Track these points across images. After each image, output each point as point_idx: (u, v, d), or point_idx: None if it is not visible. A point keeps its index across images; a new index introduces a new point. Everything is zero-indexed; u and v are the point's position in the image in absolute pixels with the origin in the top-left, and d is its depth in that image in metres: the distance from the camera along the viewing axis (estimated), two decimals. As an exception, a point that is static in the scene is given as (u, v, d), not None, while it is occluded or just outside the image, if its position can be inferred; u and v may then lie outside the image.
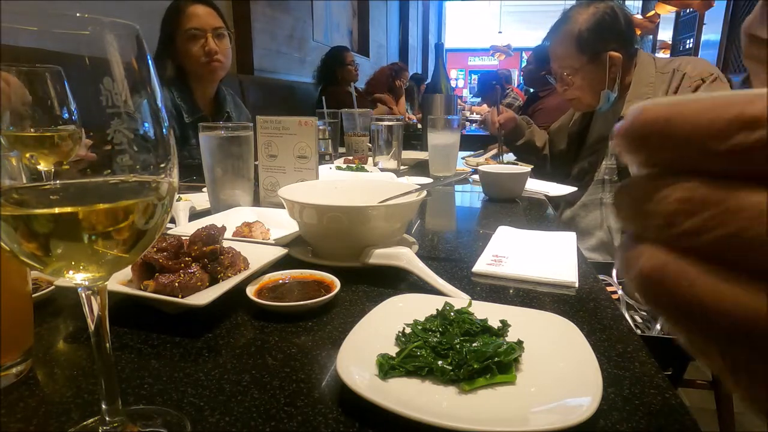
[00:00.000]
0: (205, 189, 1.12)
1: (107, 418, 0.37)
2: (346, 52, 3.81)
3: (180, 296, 0.56)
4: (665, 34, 7.07)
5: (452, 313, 0.53)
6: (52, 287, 0.62)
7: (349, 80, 3.36)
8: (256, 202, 1.12)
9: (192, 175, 1.44)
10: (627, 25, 1.61)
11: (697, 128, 0.15)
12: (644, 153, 0.16)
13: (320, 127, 1.89)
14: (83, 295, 0.35)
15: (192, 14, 1.76)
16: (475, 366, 0.44)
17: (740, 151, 0.14)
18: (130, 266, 0.60)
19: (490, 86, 4.46)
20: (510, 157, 2.02)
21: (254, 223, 0.85)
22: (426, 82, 5.32)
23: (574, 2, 1.78)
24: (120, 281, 0.60)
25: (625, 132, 0.16)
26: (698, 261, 0.15)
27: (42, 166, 0.36)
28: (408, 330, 0.52)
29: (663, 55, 6.49)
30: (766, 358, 0.15)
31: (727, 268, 0.15)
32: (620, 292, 1.29)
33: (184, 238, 0.65)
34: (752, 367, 0.15)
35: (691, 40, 6.05)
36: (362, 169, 1.51)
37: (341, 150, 2.04)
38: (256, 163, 1.12)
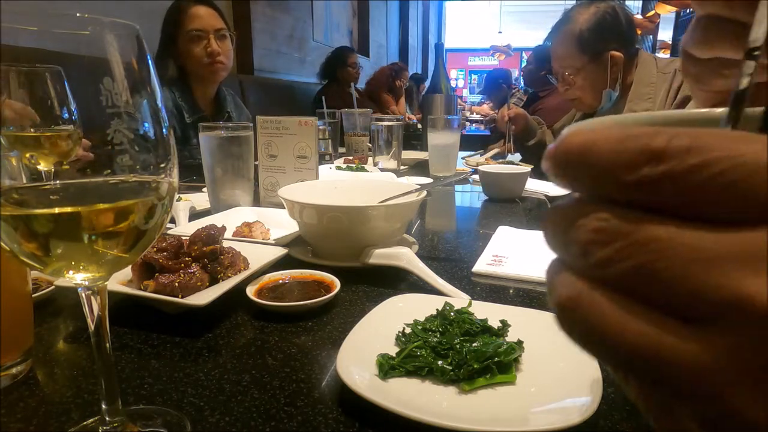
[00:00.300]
0: (205, 189, 1.12)
1: (107, 418, 0.37)
2: (350, 53, 3.82)
3: (180, 296, 0.56)
4: (665, 34, 7.07)
5: (452, 313, 0.53)
6: (52, 287, 0.62)
7: (349, 81, 3.37)
8: (256, 202, 1.12)
9: (192, 175, 1.44)
10: (628, 25, 1.61)
11: (610, 159, 0.15)
12: (566, 180, 0.17)
13: (320, 127, 1.89)
14: (83, 295, 0.35)
15: (194, 15, 1.76)
16: (475, 366, 0.44)
17: (647, 183, 0.14)
18: (130, 266, 0.60)
19: (497, 85, 4.42)
20: (515, 157, 2.01)
21: (254, 223, 0.85)
22: (426, 82, 5.32)
23: (574, 2, 1.78)
24: (120, 281, 0.60)
25: (551, 158, 0.17)
26: (611, 292, 0.15)
27: (42, 166, 0.36)
28: (408, 330, 0.52)
29: (663, 55, 6.49)
30: (665, 392, 0.15)
31: (637, 302, 0.15)
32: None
33: (184, 238, 0.65)
34: (656, 398, 0.15)
35: (691, 40, 6.03)
36: (362, 169, 1.51)
37: (341, 150, 2.04)
38: (256, 163, 1.12)
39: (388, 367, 0.46)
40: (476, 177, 1.45)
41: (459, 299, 0.59)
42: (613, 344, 0.15)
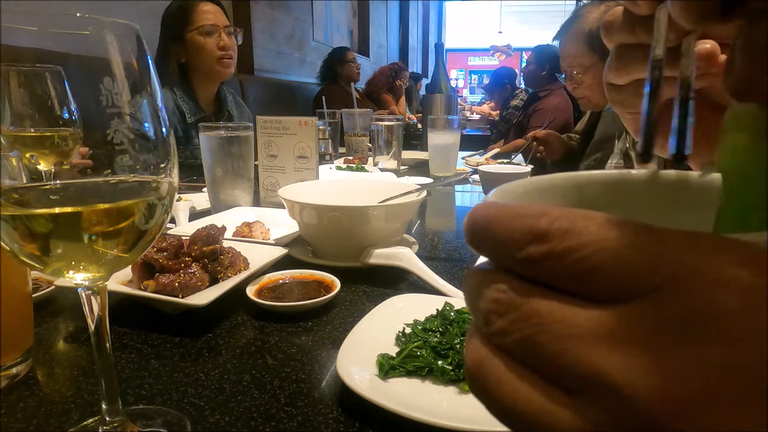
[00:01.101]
0: (205, 189, 1.12)
1: (107, 418, 0.37)
2: (347, 51, 3.83)
3: (180, 296, 0.56)
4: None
5: (452, 313, 0.53)
6: (52, 287, 0.62)
7: (351, 78, 3.37)
8: (256, 202, 1.12)
9: (192, 175, 1.44)
10: None
11: (504, 236, 0.16)
12: (474, 249, 0.18)
13: (320, 127, 1.89)
14: (83, 295, 0.35)
15: (203, 11, 1.77)
16: (475, 366, 0.44)
17: (532, 261, 0.16)
18: (130, 266, 0.60)
19: (502, 85, 4.42)
20: (516, 157, 2.01)
21: (254, 223, 0.85)
22: (425, 83, 5.32)
23: (574, 2, 1.77)
24: (120, 281, 0.60)
25: (465, 228, 0.18)
26: (508, 360, 0.16)
27: (42, 166, 0.36)
28: (408, 330, 0.52)
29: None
30: None
31: (529, 370, 0.16)
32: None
33: (184, 238, 0.65)
34: None
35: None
36: (362, 169, 1.51)
37: (341, 150, 2.04)
38: (256, 163, 1.12)
39: (388, 367, 0.46)
40: (476, 177, 1.45)
41: (459, 299, 0.59)
42: (507, 409, 0.16)
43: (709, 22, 0.21)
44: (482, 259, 0.18)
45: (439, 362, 0.46)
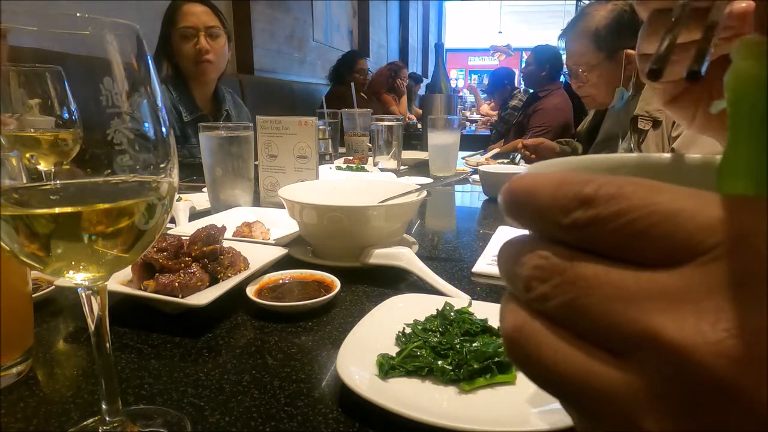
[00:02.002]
0: (205, 189, 1.12)
1: (107, 418, 0.37)
2: (360, 59, 3.80)
3: (180, 296, 0.56)
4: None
5: (452, 313, 0.53)
6: (52, 287, 0.62)
7: (356, 85, 3.36)
8: (256, 202, 1.12)
9: (192, 175, 1.44)
10: None
11: (548, 202, 0.16)
12: (514, 219, 0.18)
13: (320, 127, 1.89)
14: (83, 295, 0.35)
15: (187, 13, 1.75)
16: (475, 366, 0.44)
17: (578, 226, 0.16)
18: (130, 266, 0.60)
19: (502, 85, 4.43)
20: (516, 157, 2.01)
21: (254, 223, 0.85)
22: (425, 83, 5.31)
23: (573, 2, 1.77)
24: (120, 281, 0.60)
25: (501, 200, 0.18)
26: (550, 324, 0.16)
27: (42, 166, 0.36)
28: (408, 330, 0.52)
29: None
30: (590, 417, 0.16)
31: (571, 333, 0.16)
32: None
33: (184, 238, 0.65)
34: (582, 424, 0.17)
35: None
36: (362, 169, 1.51)
37: (341, 150, 2.04)
38: (256, 163, 1.12)
39: (388, 367, 0.46)
40: (476, 177, 1.45)
41: (459, 299, 0.59)
42: (547, 371, 0.16)
43: None
44: (487, 258, 0.18)
45: (439, 362, 0.46)
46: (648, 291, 0.14)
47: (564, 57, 1.81)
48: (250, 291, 0.61)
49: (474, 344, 0.47)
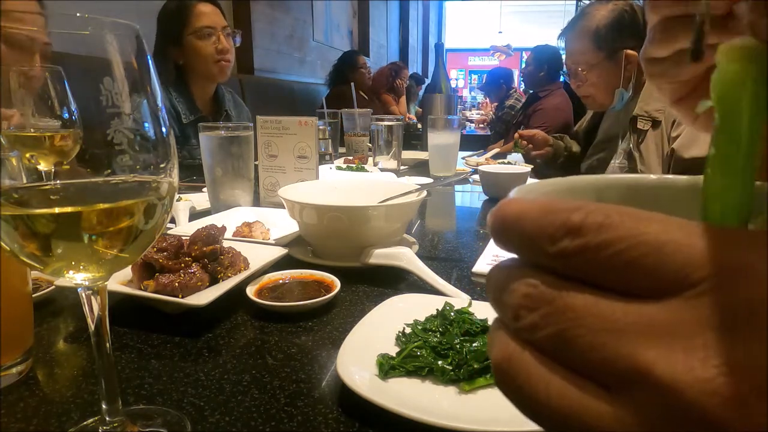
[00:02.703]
0: (205, 189, 1.12)
1: (107, 418, 0.37)
2: (357, 56, 3.82)
3: (180, 296, 0.56)
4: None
5: (452, 313, 0.53)
6: (52, 287, 0.62)
7: (361, 84, 3.36)
8: (256, 202, 1.12)
9: (192, 175, 1.44)
10: (645, 24, 1.61)
11: (536, 230, 0.16)
12: (502, 245, 0.18)
13: (320, 127, 1.89)
14: (83, 295, 0.35)
15: (201, 12, 1.74)
16: (475, 366, 0.44)
17: (566, 255, 0.16)
18: (130, 266, 0.60)
19: (498, 84, 4.47)
20: (517, 157, 2.00)
21: (254, 223, 0.85)
22: (425, 84, 5.32)
23: (573, 2, 1.77)
24: (120, 281, 0.60)
25: (490, 224, 0.18)
26: (539, 355, 0.16)
27: (42, 166, 0.36)
28: (408, 330, 0.52)
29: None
30: None
31: (562, 365, 0.16)
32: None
33: (184, 238, 0.65)
34: None
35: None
36: (362, 169, 1.51)
37: (341, 150, 2.04)
38: (256, 163, 1.12)
39: (388, 367, 0.45)
40: (476, 177, 1.45)
41: (459, 299, 0.59)
42: (538, 404, 0.16)
43: None
44: (487, 258, 0.18)
45: (439, 362, 0.46)
46: (637, 324, 0.14)
47: (564, 57, 1.81)
48: (250, 291, 0.61)
49: (474, 344, 0.47)
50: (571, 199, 0.16)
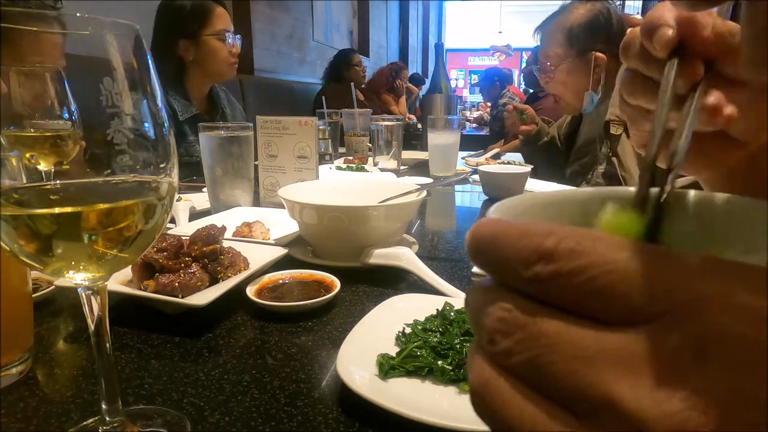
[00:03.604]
0: (205, 189, 1.12)
1: (107, 418, 0.37)
2: (353, 54, 3.83)
3: (180, 296, 0.56)
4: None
5: (452, 313, 0.53)
6: (52, 287, 0.62)
7: (355, 81, 3.36)
8: (256, 202, 1.12)
9: (191, 174, 1.44)
10: (619, 29, 1.61)
11: (510, 254, 0.16)
12: (478, 265, 0.18)
13: (320, 127, 1.88)
14: (83, 295, 0.35)
15: (221, 14, 1.78)
16: (475, 366, 0.44)
17: (539, 280, 0.16)
18: (130, 266, 0.60)
19: (492, 83, 4.55)
20: (515, 157, 2.00)
21: (254, 223, 0.85)
22: (423, 85, 5.34)
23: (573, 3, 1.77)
24: (120, 281, 0.60)
25: (467, 245, 0.18)
26: (514, 380, 0.16)
27: (42, 166, 0.36)
28: (408, 330, 0.52)
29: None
30: None
31: (536, 391, 0.16)
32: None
33: (184, 238, 0.65)
34: None
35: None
36: (362, 169, 1.51)
37: (341, 150, 2.04)
38: (256, 163, 1.12)
39: (388, 367, 0.45)
40: (476, 177, 1.45)
41: (459, 299, 0.59)
42: (511, 430, 0.16)
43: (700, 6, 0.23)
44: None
45: (439, 362, 0.46)
46: (607, 353, 0.14)
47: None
48: (250, 291, 0.61)
49: (474, 344, 0.47)
50: (545, 223, 0.17)
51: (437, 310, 0.55)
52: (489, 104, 5.08)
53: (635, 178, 1.40)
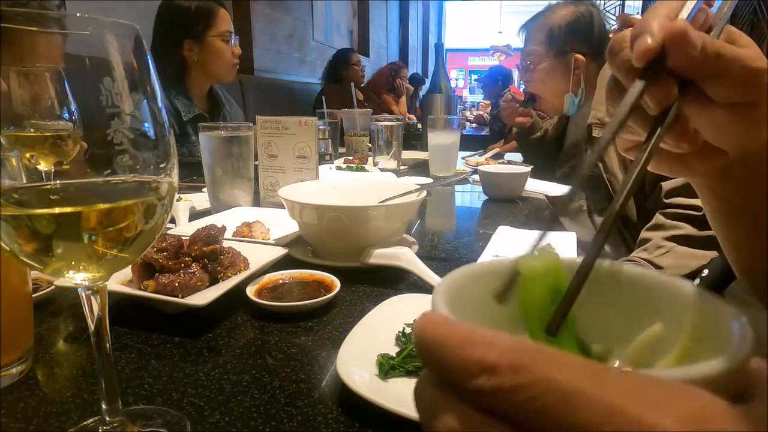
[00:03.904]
0: (205, 189, 1.12)
1: (107, 418, 0.37)
2: (352, 53, 3.84)
3: (180, 296, 0.56)
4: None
5: (452, 313, 0.53)
6: (52, 287, 0.62)
7: (354, 80, 3.37)
8: (256, 202, 1.12)
9: (191, 174, 1.44)
10: (600, 33, 1.61)
11: (454, 364, 0.16)
12: (426, 367, 0.18)
13: (320, 127, 1.88)
14: (83, 295, 0.35)
15: (224, 16, 1.80)
16: (475, 366, 0.44)
17: (482, 393, 0.16)
18: (130, 266, 0.60)
19: (495, 82, 4.58)
20: (515, 157, 2.00)
21: (254, 223, 0.85)
22: (423, 85, 5.35)
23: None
24: (120, 281, 0.60)
25: (415, 342, 0.18)
26: None
27: (42, 166, 0.36)
28: (408, 330, 0.52)
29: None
30: None
31: None
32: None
33: (184, 238, 0.65)
34: None
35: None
36: (362, 169, 1.51)
37: (341, 150, 2.04)
38: (256, 163, 1.12)
39: (388, 367, 0.45)
40: (476, 177, 1.45)
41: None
42: None
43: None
44: (487, 258, 0.19)
45: (439, 362, 0.46)
46: None
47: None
48: (250, 291, 0.61)
49: (474, 344, 0.47)
50: (488, 331, 0.17)
51: (437, 310, 0.55)
52: (489, 103, 5.09)
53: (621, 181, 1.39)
